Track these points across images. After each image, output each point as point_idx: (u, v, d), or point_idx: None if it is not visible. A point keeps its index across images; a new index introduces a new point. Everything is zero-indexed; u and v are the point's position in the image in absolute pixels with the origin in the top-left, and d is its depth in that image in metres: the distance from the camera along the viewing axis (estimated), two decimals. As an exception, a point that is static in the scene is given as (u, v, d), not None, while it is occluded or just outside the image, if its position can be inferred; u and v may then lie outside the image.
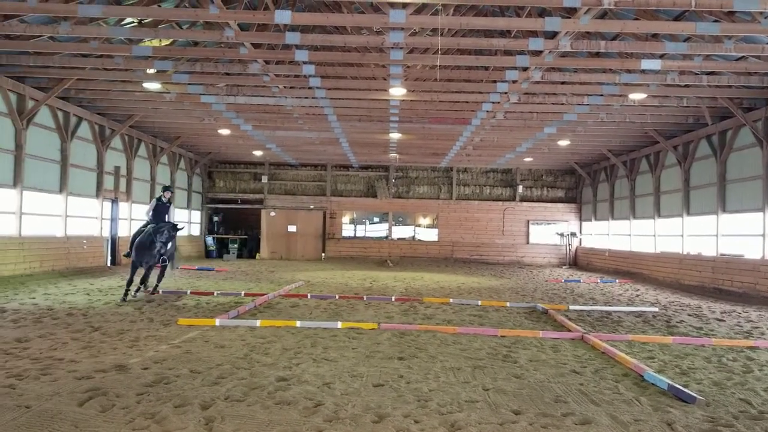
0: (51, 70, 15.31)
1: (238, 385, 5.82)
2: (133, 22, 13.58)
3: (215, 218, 31.95)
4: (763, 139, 15.87)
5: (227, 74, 15.87)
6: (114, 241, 21.39)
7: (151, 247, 12.42)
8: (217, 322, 9.27)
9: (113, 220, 21.56)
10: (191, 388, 5.68)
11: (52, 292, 13.29)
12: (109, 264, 20.83)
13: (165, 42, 14.56)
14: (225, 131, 22.61)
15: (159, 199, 13.27)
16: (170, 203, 13.52)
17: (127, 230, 22.32)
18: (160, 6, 13.00)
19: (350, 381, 6.15)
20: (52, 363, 6.55)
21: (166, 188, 13.57)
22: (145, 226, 12.94)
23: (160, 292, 13.23)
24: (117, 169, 21.73)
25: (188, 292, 13.58)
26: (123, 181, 22.25)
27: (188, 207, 29.42)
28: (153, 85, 16.23)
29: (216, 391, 5.61)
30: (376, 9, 12.44)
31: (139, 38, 13.52)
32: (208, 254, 30.26)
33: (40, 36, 13.21)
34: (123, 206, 22.24)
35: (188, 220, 29.46)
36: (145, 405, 5.13)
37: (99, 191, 20.37)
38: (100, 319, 9.59)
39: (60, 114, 18.00)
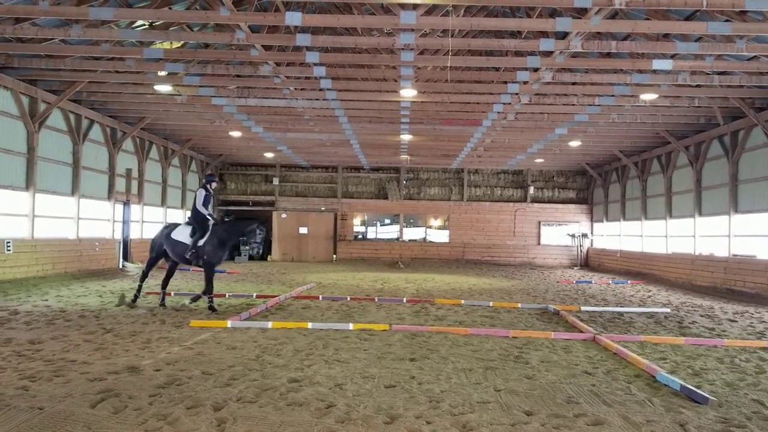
0: (63, 73, 15.42)
1: (250, 387, 5.83)
2: (144, 25, 13.66)
3: (226, 220, 31.97)
4: (776, 139, 15.76)
5: (238, 76, 15.93)
6: (126, 243, 21.50)
7: (230, 247, 11.47)
8: (229, 323, 9.29)
9: (125, 222, 21.68)
10: (203, 390, 5.69)
11: (64, 294, 13.38)
12: (121, 266, 20.93)
13: (176, 44, 14.63)
14: (236, 133, 22.69)
15: (206, 188, 11.60)
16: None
17: (138, 232, 22.45)
18: (171, 8, 13.06)
19: (362, 382, 6.15)
20: (65, 365, 6.59)
21: (212, 177, 11.91)
22: (203, 221, 11.32)
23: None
24: (129, 171, 21.86)
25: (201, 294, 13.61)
26: (135, 184, 22.38)
27: (199, 209, 29.48)
28: (164, 88, 16.32)
29: (228, 392, 5.63)
30: (386, 10, 12.45)
31: (150, 40, 13.63)
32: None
33: (52, 39, 13.32)
34: (135, 208, 22.36)
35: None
36: (158, 406, 5.16)
37: (111, 194, 20.49)
38: (112, 321, 9.64)
39: (72, 117, 18.13)
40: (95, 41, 13.50)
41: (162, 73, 15.41)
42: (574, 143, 23.12)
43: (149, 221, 23.60)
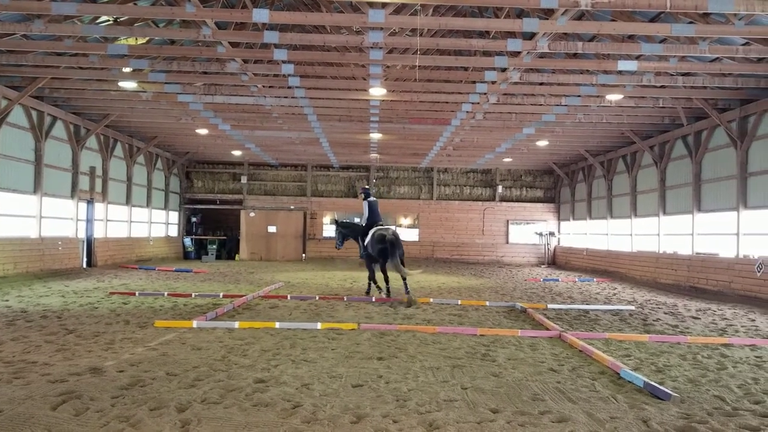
0: (24, 69, 15.07)
1: (215, 388, 5.77)
2: (109, 20, 13.41)
3: (193, 219, 31.69)
4: (737, 140, 16.09)
5: (205, 73, 15.74)
6: (90, 242, 21.13)
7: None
8: (195, 323, 9.18)
9: (89, 221, 21.31)
10: (167, 391, 5.61)
11: (26, 294, 13.10)
12: (84, 266, 20.57)
13: (141, 40, 14.40)
14: (203, 131, 22.44)
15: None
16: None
17: (102, 231, 22.09)
18: (135, 4, 12.85)
19: (329, 382, 6.12)
20: (25, 366, 6.45)
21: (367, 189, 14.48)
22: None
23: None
24: (92, 169, 21.48)
25: (165, 293, 13.45)
26: (99, 182, 21.99)
27: (166, 208, 29.18)
28: (129, 84, 16.04)
29: (192, 393, 5.56)
30: (355, 9, 12.41)
31: (114, 36, 13.34)
32: (186, 255, 30.03)
33: (13, 34, 12.99)
34: (99, 207, 21.98)
35: (166, 221, 29.24)
36: (120, 408, 5.07)
37: (74, 192, 20.11)
38: (75, 322, 9.47)
39: (34, 113, 17.74)
40: (58, 36, 13.21)
41: (127, 70, 15.16)
42: (542, 143, 23.34)
43: (113, 220, 23.23)
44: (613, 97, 16.20)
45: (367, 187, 14.24)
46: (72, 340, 7.96)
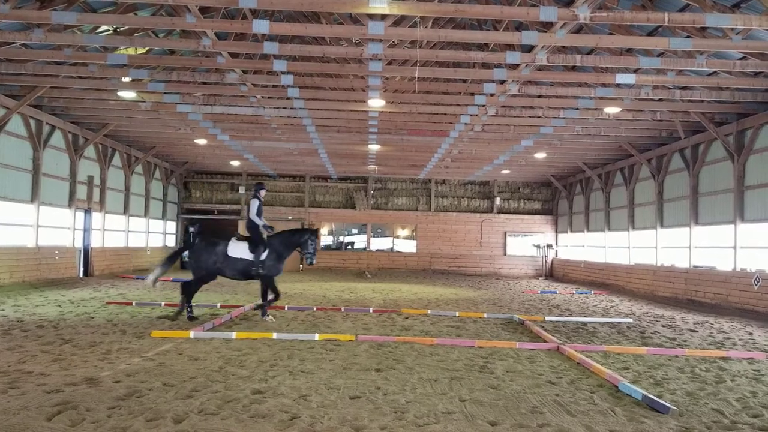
0: (23, 78, 15.07)
1: (212, 398, 5.74)
2: (109, 30, 13.45)
3: (191, 229, 31.55)
4: (734, 153, 16.15)
5: (204, 83, 15.76)
6: (87, 251, 21.08)
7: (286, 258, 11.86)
8: (192, 334, 9.15)
9: (86, 230, 21.25)
10: (164, 402, 5.58)
11: (22, 303, 13.05)
12: (81, 275, 20.51)
13: (141, 50, 14.43)
14: (201, 141, 22.45)
15: (257, 197, 11.72)
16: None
17: (100, 241, 22.05)
18: (136, 14, 12.88)
19: (327, 393, 6.09)
20: (21, 376, 6.41)
21: (261, 185, 12.00)
22: (257, 231, 11.47)
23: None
24: (90, 178, 21.45)
25: (162, 303, 13.40)
26: (96, 191, 21.96)
27: (163, 217, 29.14)
28: (128, 94, 16.06)
29: (189, 404, 5.52)
30: (355, 20, 12.48)
31: (114, 46, 13.38)
32: (183, 266, 29.88)
33: (13, 43, 13.02)
34: (96, 216, 21.94)
35: (163, 231, 29.21)
36: (117, 419, 5.04)
37: (72, 201, 20.08)
38: (71, 332, 9.42)
39: (32, 122, 17.73)
40: (57, 46, 13.24)
41: (126, 80, 15.17)
42: (540, 155, 23.39)
43: (111, 229, 23.19)
44: (611, 110, 16.25)
45: None
46: (68, 350, 7.92)
